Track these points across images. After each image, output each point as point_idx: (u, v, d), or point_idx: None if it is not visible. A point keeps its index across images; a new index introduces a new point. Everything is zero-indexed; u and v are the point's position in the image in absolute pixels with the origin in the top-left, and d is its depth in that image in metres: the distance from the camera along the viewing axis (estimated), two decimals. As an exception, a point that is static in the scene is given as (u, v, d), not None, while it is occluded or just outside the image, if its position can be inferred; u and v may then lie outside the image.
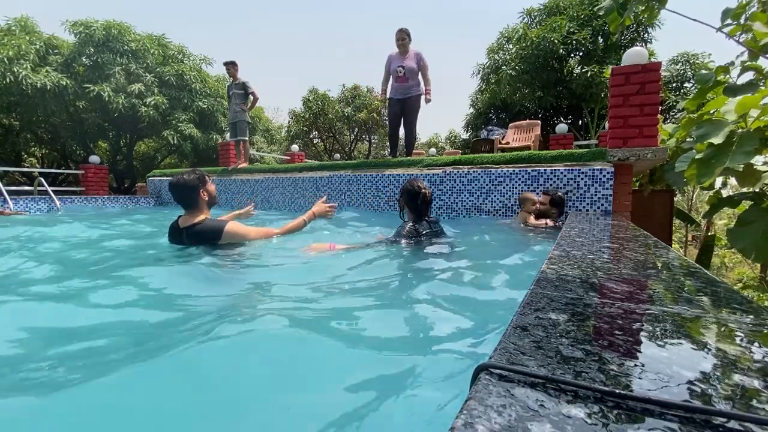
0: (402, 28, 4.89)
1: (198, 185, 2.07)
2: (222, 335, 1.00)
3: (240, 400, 0.74)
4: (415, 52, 4.92)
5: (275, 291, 1.44)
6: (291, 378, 0.83)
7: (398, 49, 4.95)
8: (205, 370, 0.84)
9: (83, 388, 0.77)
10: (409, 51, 4.91)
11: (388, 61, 5.06)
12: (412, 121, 5.15)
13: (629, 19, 2.25)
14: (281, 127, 19.60)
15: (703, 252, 5.09)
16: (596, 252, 1.26)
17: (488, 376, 0.41)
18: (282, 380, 0.82)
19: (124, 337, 1.04)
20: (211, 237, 2.05)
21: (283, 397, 0.75)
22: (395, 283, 1.57)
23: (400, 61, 4.91)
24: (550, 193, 3.42)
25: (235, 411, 0.70)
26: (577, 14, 9.78)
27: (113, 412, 0.71)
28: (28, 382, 0.81)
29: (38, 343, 1.01)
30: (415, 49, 4.94)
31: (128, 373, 0.82)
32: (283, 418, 0.70)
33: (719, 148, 1.72)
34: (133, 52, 9.95)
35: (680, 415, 0.34)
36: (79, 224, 3.60)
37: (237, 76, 6.21)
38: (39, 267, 1.86)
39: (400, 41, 4.88)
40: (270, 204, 5.81)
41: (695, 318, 0.61)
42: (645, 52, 3.47)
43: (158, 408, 0.72)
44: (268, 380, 0.81)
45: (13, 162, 11.10)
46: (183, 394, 0.76)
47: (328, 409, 0.72)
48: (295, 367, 0.86)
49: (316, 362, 0.88)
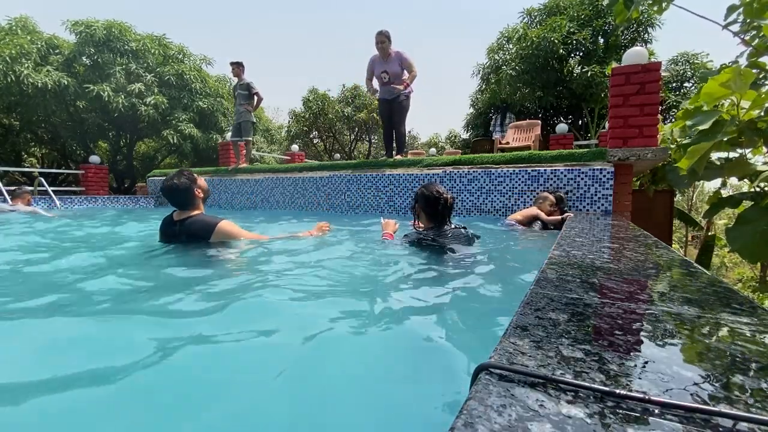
0: (381, 31, 4.79)
1: (190, 185, 2.10)
2: (221, 335, 1.00)
3: (239, 400, 0.74)
4: (395, 53, 4.85)
5: (269, 290, 1.44)
6: (290, 378, 0.83)
7: (379, 53, 4.89)
8: (205, 373, 0.84)
9: (82, 386, 0.77)
10: (390, 53, 4.85)
11: (371, 64, 5.03)
12: (399, 121, 5.12)
13: (636, 11, 2.23)
14: (281, 127, 19.61)
15: (703, 252, 5.09)
16: (596, 252, 1.26)
17: (488, 376, 0.41)
18: (281, 380, 0.82)
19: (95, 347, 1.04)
20: (204, 231, 2.08)
21: (281, 396, 0.75)
22: (395, 283, 1.57)
23: (383, 66, 4.88)
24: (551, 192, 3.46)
25: (233, 412, 0.70)
26: (577, 14, 9.78)
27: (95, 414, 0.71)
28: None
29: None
30: (395, 50, 4.87)
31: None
32: (282, 418, 0.70)
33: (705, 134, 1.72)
34: (133, 51, 9.96)
35: (680, 415, 0.34)
36: (77, 223, 3.60)
37: (242, 76, 6.21)
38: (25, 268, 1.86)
39: (380, 44, 4.80)
40: (270, 204, 5.81)
41: (695, 318, 0.61)
42: (645, 52, 3.47)
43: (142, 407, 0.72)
44: (266, 380, 0.81)
45: (13, 162, 11.10)
46: (171, 393, 0.76)
47: (327, 409, 0.72)
48: (294, 366, 0.86)
49: (314, 362, 0.88)
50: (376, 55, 4.96)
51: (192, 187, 2.10)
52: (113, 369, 0.83)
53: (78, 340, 0.99)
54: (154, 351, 0.90)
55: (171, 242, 2.14)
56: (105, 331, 1.06)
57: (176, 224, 2.10)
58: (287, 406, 0.72)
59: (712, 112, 1.75)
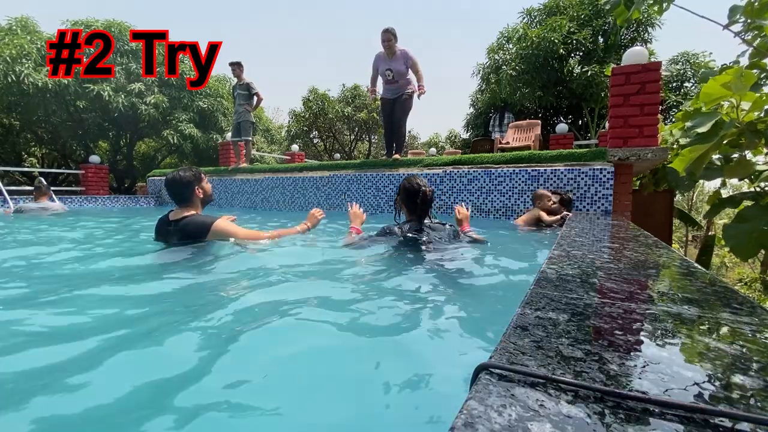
0: (387, 29, 4.77)
1: (193, 182, 2.09)
2: (222, 336, 1.00)
3: (238, 401, 0.74)
4: (401, 52, 4.83)
5: (264, 290, 1.44)
6: (289, 378, 0.83)
7: (384, 51, 4.87)
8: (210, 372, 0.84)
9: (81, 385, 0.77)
10: (396, 51, 4.83)
11: (376, 62, 5.01)
12: (401, 119, 5.08)
13: (637, 12, 2.23)
14: (281, 127, 19.60)
15: (703, 252, 5.09)
16: (596, 252, 1.26)
17: (488, 376, 0.41)
18: (279, 380, 0.82)
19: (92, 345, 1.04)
20: (199, 231, 2.04)
21: (279, 396, 0.75)
22: (395, 283, 1.57)
23: (388, 64, 4.86)
24: (560, 193, 3.45)
25: (231, 412, 0.70)
26: (577, 14, 9.78)
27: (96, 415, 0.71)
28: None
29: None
30: (401, 48, 4.85)
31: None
32: (281, 418, 0.70)
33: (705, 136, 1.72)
34: (133, 51, 9.96)
35: (680, 415, 0.34)
36: (79, 222, 3.60)
37: (242, 76, 6.22)
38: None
39: (386, 42, 4.78)
40: (270, 204, 5.81)
41: (695, 318, 0.61)
42: (645, 52, 3.47)
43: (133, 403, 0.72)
44: (264, 380, 0.81)
45: (13, 162, 11.10)
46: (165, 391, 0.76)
47: (326, 409, 0.72)
48: (294, 366, 0.86)
49: (313, 362, 0.88)
50: (381, 52, 4.92)
51: (194, 184, 2.09)
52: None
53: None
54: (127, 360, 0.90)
55: (165, 241, 2.12)
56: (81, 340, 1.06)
57: (171, 224, 2.07)
58: (287, 406, 0.72)
59: (711, 114, 1.75)
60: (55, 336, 1.04)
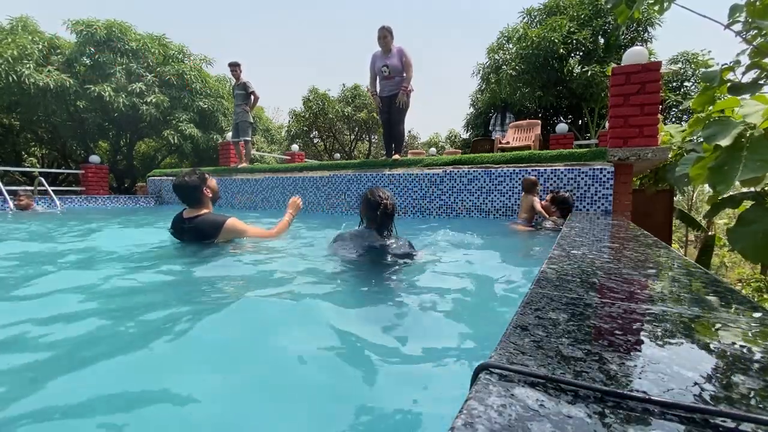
0: (383, 26, 4.80)
1: (200, 184, 2.21)
2: (226, 336, 1.00)
3: (237, 402, 0.74)
4: (397, 49, 4.85)
5: (264, 290, 1.44)
6: (289, 378, 0.83)
7: (381, 48, 4.89)
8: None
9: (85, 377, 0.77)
10: (392, 49, 4.85)
11: (373, 60, 5.02)
12: (398, 119, 5.05)
13: (638, 12, 2.21)
14: (281, 127, 19.60)
15: (703, 252, 5.08)
16: (596, 252, 1.26)
17: (488, 375, 0.41)
18: (279, 380, 0.82)
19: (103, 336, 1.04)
20: (212, 229, 2.17)
21: (279, 397, 0.75)
22: (395, 285, 1.57)
23: (384, 60, 4.87)
24: (553, 192, 3.46)
25: (232, 412, 0.70)
26: (577, 14, 9.77)
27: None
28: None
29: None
30: (397, 45, 4.87)
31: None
32: (280, 419, 0.70)
33: (729, 153, 1.65)
34: (134, 51, 9.95)
35: (680, 415, 0.34)
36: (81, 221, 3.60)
37: (240, 76, 6.23)
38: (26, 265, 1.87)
39: (382, 39, 4.80)
40: (270, 203, 5.81)
41: (695, 318, 0.61)
42: (645, 52, 3.47)
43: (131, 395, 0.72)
44: (263, 380, 0.81)
45: (13, 162, 11.10)
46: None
47: (326, 409, 0.72)
48: (293, 366, 0.86)
49: (313, 362, 0.88)
50: (377, 51, 4.95)
51: (201, 186, 2.21)
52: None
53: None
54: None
55: (180, 238, 2.26)
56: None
57: (185, 221, 2.20)
58: (288, 406, 0.72)
59: (728, 123, 1.69)
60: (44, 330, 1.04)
